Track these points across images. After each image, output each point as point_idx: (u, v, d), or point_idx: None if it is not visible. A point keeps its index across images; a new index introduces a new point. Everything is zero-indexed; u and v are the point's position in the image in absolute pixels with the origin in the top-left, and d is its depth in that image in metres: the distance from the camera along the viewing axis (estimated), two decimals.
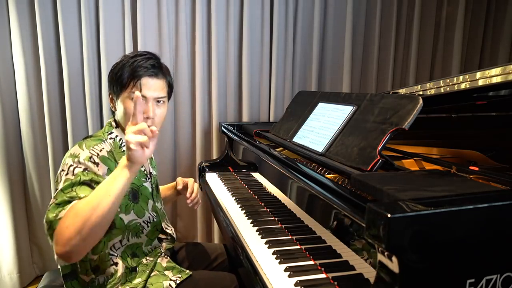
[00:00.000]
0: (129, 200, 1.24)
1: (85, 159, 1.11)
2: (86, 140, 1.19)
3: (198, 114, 2.39)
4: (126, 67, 1.21)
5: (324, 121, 1.46)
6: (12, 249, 2.23)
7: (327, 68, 2.61)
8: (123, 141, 1.25)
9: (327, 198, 1.04)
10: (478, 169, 1.05)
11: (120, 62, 1.25)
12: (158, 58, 1.28)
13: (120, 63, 1.24)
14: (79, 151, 1.13)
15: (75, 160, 1.10)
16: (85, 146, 1.15)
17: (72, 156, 1.12)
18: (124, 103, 1.22)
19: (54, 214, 0.99)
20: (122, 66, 1.22)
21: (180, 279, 1.28)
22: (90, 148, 1.15)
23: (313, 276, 0.99)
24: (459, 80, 1.31)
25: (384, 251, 0.71)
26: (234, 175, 2.01)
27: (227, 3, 2.32)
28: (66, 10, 2.12)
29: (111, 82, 1.26)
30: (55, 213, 0.99)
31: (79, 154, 1.12)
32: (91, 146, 1.16)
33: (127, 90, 1.21)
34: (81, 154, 1.12)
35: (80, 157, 1.11)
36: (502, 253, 0.76)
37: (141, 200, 1.29)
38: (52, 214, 0.99)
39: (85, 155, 1.12)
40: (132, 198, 1.26)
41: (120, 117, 1.26)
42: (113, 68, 1.26)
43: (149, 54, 1.26)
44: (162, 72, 1.26)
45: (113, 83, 1.24)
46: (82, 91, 2.24)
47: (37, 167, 2.26)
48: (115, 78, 1.23)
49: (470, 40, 2.79)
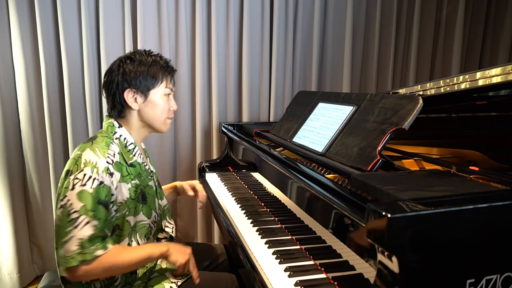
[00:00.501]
0: (138, 202, 1.24)
1: (103, 171, 1.10)
2: (96, 143, 1.15)
3: (198, 114, 2.39)
4: (155, 66, 1.24)
5: (324, 121, 1.46)
6: (12, 249, 2.23)
7: (327, 68, 2.61)
8: (127, 141, 1.25)
9: (327, 198, 1.04)
10: (478, 169, 1.05)
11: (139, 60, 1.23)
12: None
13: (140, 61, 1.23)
14: (95, 159, 1.10)
15: (93, 170, 1.08)
16: (99, 151, 1.13)
17: (90, 165, 1.09)
18: (157, 99, 1.26)
19: (79, 251, 1.05)
20: (150, 65, 1.24)
21: (181, 281, 1.28)
22: (106, 155, 1.13)
23: (313, 276, 0.99)
24: (459, 80, 1.30)
25: (384, 251, 0.71)
26: (234, 175, 2.01)
27: (227, 3, 2.32)
28: (66, 10, 2.12)
29: (138, 80, 1.22)
30: (80, 250, 1.05)
31: (96, 163, 1.10)
32: (105, 151, 1.14)
33: (161, 87, 1.27)
34: (99, 164, 1.10)
35: (99, 168, 1.09)
36: (502, 253, 0.76)
37: (149, 200, 1.29)
38: (76, 247, 1.05)
39: (103, 165, 1.11)
40: (141, 199, 1.26)
41: (149, 113, 1.26)
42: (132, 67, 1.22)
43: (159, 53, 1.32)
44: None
45: (143, 80, 1.22)
46: (82, 91, 2.24)
47: (37, 167, 2.26)
48: (144, 75, 1.22)
49: (470, 40, 2.78)
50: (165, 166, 2.41)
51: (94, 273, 1.08)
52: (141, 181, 1.25)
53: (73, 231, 1.04)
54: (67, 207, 1.06)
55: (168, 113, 1.31)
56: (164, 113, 1.29)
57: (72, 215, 1.05)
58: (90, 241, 1.06)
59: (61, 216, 1.06)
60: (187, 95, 2.38)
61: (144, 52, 1.28)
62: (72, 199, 1.06)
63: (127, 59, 1.24)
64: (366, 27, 2.62)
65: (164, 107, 1.28)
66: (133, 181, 1.21)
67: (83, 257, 1.05)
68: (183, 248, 1.25)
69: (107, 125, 1.25)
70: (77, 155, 1.12)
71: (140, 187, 1.25)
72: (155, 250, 1.19)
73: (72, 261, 1.04)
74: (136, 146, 1.27)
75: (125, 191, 1.17)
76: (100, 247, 1.07)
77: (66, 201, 1.07)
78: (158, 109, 1.27)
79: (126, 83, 1.22)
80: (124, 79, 1.22)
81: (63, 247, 1.05)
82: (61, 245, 1.05)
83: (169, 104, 1.30)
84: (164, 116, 1.30)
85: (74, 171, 1.09)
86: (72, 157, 1.15)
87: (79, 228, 1.05)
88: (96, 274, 1.10)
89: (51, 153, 2.22)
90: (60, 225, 1.06)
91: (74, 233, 1.04)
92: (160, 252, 1.19)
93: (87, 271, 1.06)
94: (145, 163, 1.31)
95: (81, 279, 1.11)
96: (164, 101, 1.28)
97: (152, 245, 1.22)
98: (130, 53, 1.28)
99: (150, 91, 1.24)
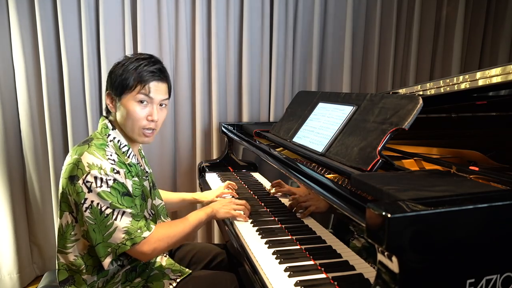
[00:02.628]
0: (142, 199, 1.26)
1: (110, 171, 1.12)
2: (92, 146, 1.15)
3: (198, 114, 2.39)
4: (130, 70, 1.20)
5: (324, 121, 1.46)
6: (12, 249, 2.23)
7: (327, 68, 2.61)
8: (121, 143, 1.25)
9: (327, 198, 1.04)
10: (478, 169, 1.05)
11: (123, 64, 1.22)
12: (161, 62, 1.29)
13: (123, 65, 1.22)
14: (98, 162, 1.11)
15: (101, 172, 1.10)
16: (98, 154, 1.13)
17: (96, 167, 1.10)
18: (128, 105, 1.21)
19: (137, 229, 1.13)
20: (126, 68, 1.20)
21: (180, 277, 1.29)
22: (107, 157, 1.14)
23: (313, 276, 0.99)
24: (459, 80, 1.30)
25: (384, 251, 0.71)
26: (234, 175, 2.01)
27: (227, 3, 2.32)
28: (66, 10, 2.12)
29: (112, 83, 1.23)
30: (138, 228, 1.13)
31: (101, 165, 1.11)
32: (104, 154, 1.15)
33: (133, 93, 1.20)
34: (104, 166, 1.12)
35: (106, 169, 1.11)
36: (502, 253, 0.76)
37: (145, 199, 1.30)
38: (136, 227, 1.13)
39: (108, 166, 1.12)
40: (143, 198, 1.28)
41: (121, 119, 1.24)
42: (115, 69, 1.23)
43: (154, 58, 1.27)
44: (166, 76, 1.28)
45: (115, 83, 1.22)
46: (82, 91, 2.24)
47: (37, 167, 2.26)
48: (119, 79, 1.21)
49: (470, 40, 2.78)
50: (165, 166, 2.41)
51: (158, 248, 1.17)
52: (140, 180, 1.27)
53: (114, 222, 1.11)
54: (95, 206, 1.10)
55: (143, 123, 1.22)
56: (136, 121, 1.21)
57: (105, 211, 1.10)
58: (133, 226, 1.13)
59: (93, 216, 1.10)
60: (187, 95, 2.38)
61: (136, 55, 1.25)
62: (96, 199, 1.10)
63: (119, 61, 1.25)
64: (366, 27, 2.62)
65: (135, 114, 1.20)
66: (134, 178, 1.23)
67: (133, 241, 1.12)
68: (223, 201, 1.41)
69: (101, 126, 1.26)
70: (76, 160, 1.12)
71: (141, 187, 1.26)
72: (202, 215, 1.31)
73: (124, 247, 1.12)
74: (130, 148, 1.27)
75: (130, 188, 1.20)
76: (145, 229, 1.14)
77: (90, 202, 1.10)
78: (129, 116, 1.21)
79: (108, 85, 1.26)
80: (107, 80, 1.26)
81: (111, 237, 1.11)
82: (108, 237, 1.11)
83: (145, 113, 1.21)
84: (137, 125, 1.22)
85: (80, 175, 1.10)
86: (70, 162, 1.14)
87: (119, 219, 1.11)
88: (161, 248, 1.19)
89: (51, 153, 2.22)
90: (97, 222, 1.10)
91: (116, 223, 1.11)
92: (207, 215, 1.32)
93: (151, 248, 1.15)
94: (140, 163, 1.31)
95: (150, 256, 1.19)
96: (135, 108, 1.20)
97: (196, 212, 1.33)
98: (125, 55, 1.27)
99: (122, 95, 1.21)
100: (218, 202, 1.40)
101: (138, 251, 1.14)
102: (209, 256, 1.52)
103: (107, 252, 1.12)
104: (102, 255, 1.13)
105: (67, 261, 1.19)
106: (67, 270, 1.19)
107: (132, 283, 1.25)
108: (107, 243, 1.11)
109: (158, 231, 1.18)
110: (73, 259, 1.18)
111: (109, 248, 1.12)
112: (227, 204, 1.37)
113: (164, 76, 1.26)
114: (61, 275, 1.20)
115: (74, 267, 1.18)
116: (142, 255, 1.17)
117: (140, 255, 1.17)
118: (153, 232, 1.16)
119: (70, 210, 1.16)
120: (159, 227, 1.20)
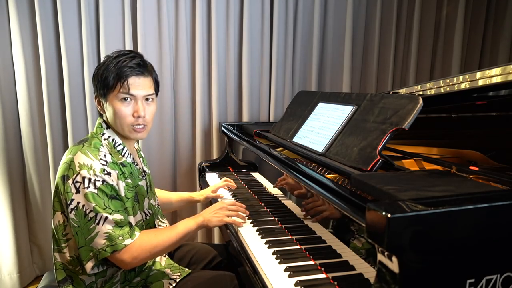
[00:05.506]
0: (134, 201, 1.25)
1: (100, 171, 1.11)
2: (86, 146, 1.15)
3: (198, 114, 2.39)
4: (110, 68, 1.18)
5: (324, 121, 1.46)
6: (12, 249, 2.23)
7: (327, 68, 2.61)
8: (116, 142, 1.25)
9: (327, 198, 1.04)
10: (478, 169, 1.05)
11: (103, 64, 1.21)
12: (142, 55, 1.26)
13: (103, 65, 1.21)
14: (89, 161, 1.11)
15: (91, 172, 1.10)
16: (90, 154, 1.13)
17: (86, 167, 1.10)
18: (113, 104, 1.19)
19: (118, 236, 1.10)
20: (106, 67, 1.19)
21: (180, 277, 1.29)
22: (98, 157, 1.14)
23: (313, 276, 0.99)
24: (459, 80, 1.30)
25: (384, 251, 0.71)
26: (234, 175, 2.01)
27: (227, 3, 2.32)
28: (66, 10, 2.12)
29: (96, 85, 1.22)
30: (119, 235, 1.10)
31: (91, 165, 1.11)
32: (96, 154, 1.15)
33: (115, 92, 1.18)
34: (95, 166, 1.11)
35: (95, 169, 1.11)
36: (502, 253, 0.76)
37: (139, 199, 1.30)
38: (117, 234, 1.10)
39: (99, 167, 1.12)
40: (136, 199, 1.27)
41: (110, 119, 1.23)
42: (96, 70, 1.22)
43: (133, 53, 1.24)
44: (148, 70, 1.25)
45: (98, 85, 1.21)
46: (82, 91, 2.24)
47: (37, 167, 2.26)
48: (100, 80, 1.19)
49: (470, 40, 2.78)
50: (165, 166, 2.41)
51: (139, 257, 1.13)
52: (133, 181, 1.25)
53: (97, 227, 1.09)
54: (80, 208, 1.09)
55: (130, 119, 1.20)
56: (123, 119, 1.20)
57: (89, 214, 1.09)
58: (115, 233, 1.10)
59: (76, 218, 1.09)
60: (187, 95, 2.38)
61: (116, 53, 1.23)
62: (82, 201, 1.09)
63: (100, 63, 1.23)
64: (366, 27, 2.62)
65: (121, 112, 1.19)
66: (126, 179, 1.22)
67: (113, 248, 1.09)
68: (213, 208, 1.30)
69: (97, 126, 1.26)
70: (69, 159, 1.13)
71: (133, 188, 1.25)
72: (192, 224, 1.24)
73: (104, 253, 1.09)
74: (125, 147, 1.26)
75: (122, 190, 1.19)
76: (127, 237, 1.12)
77: (76, 203, 1.09)
78: (116, 115, 1.20)
79: (94, 88, 1.24)
80: (94, 84, 1.24)
81: (92, 241, 1.09)
82: (89, 241, 1.10)
83: (130, 110, 1.20)
84: (125, 122, 1.20)
85: (70, 175, 1.10)
86: (64, 161, 1.15)
87: (101, 224, 1.09)
88: (142, 258, 1.14)
89: (51, 153, 2.22)
90: (80, 225, 1.09)
91: (98, 228, 1.09)
92: (197, 224, 1.25)
93: (132, 257, 1.12)
94: (136, 163, 1.31)
95: (130, 265, 1.15)
96: (120, 107, 1.19)
97: (187, 221, 1.26)
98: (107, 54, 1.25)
99: (107, 96, 1.20)
100: (209, 209, 1.30)
101: (119, 259, 1.12)
102: (209, 256, 1.52)
103: (89, 256, 1.11)
104: (84, 259, 1.11)
105: (64, 261, 1.18)
106: (64, 270, 1.19)
107: (131, 283, 1.25)
108: (89, 247, 1.10)
109: (141, 239, 1.15)
110: (69, 258, 1.18)
111: (91, 252, 1.10)
112: (218, 211, 1.28)
113: (145, 70, 1.22)
114: (59, 274, 1.20)
115: (71, 267, 1.18)
116: (122, 263, 1.14)
117: (120, 263, 1.14)
118: (136, 240, 1.13)
119: (62, 209, 1.16)
120: (143, 235, 1.17)
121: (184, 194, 1.67)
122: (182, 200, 1.65)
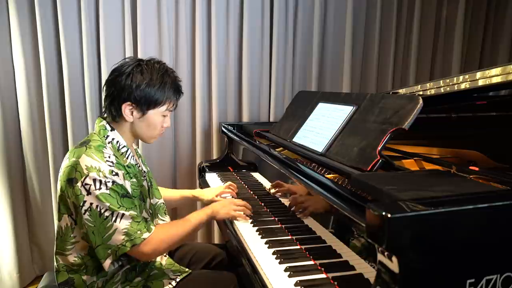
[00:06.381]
0: (140, 200, 1.26)
1: (109, 173, 1.12)
2: (89, 149, 1.15)
3: (198, 114, 2.39)
4: (160, 87, 1.21)
5: (324, 121, 1.46)
6: (12, 249, 2.23)
7: (327, 68, 2.60)
8: (120, 144, 1.25)
9: (327, 198, 1.04)
10: (478, 169, 1.05)
11: (146, 77, 1.20)
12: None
13: (147, 78, 1.20)
14: (96, 164, 1.11)
15: (100, 174, 1.10)
16: (96, 157, 1.13)
17: (94, 169, 1.10)
18: (153, 117, 1.24)
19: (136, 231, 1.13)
20: (153, 84, 1.20)
21: (180, 277, 1.29)
22: (105, 160, 1.14)
23: (313, 276, 0.99)
24: (459, 80, 1.30)
25: (384, 251, 0.71)
26: (234, 175, 2.01)
27: (227, 3, 2.32)
28: (66, 10, 2.12)
29: (136, 97, 1.19)
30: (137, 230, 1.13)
31: (100, 167, 1.11)
32: (103, 156, 1.15)
33: (161, 108, 1.24)
34: (103, 168, 1.12)
35: (104, 171, 1.11)
36: (502, 253, 0.76)
37: (144, 199, 1.30)
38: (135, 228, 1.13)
39: (107, 169, 1.12)
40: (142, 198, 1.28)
41: (139, 128, 1.25)
42: (138, 82, 1.19)
43: (174, 72, 1.29)
44: None
45: (141, 100, 1.20)
46: (82, 91, 2.23)
47: (37, 167, 2.26)
48: (145, 95, 1.19)
49: (470, 40, 2.78)
50: (165, 166, 2.41)
51: (159, 248, 1.18)
52: (138, 181, 1.27)
53: (114, 224, 1.11)
54: (94, 209, 1.10)
55: (160, 130, 1.30)
56: (156, 130, 1.29)
57: (104, 213, 1.10)
58: (133, 227, 1.13)
59: (91, 218, 1.10)
60: (187, 95, 2.38)
61: (158, 66, 1.24)
62: (95, 201, 1.09)
63: (138, 68, 1.20)
64: (366, 27, 2.62)
65: (157, 125, 1.27)
66: (132, 179, 1.23)
67: (132, 242, 1.12)
68: (223, 202, 1.41)
69: (99, 128, 1.24)
70: (74, 162, 1.12)
71: (140, 188, 1.26)
72: (202, 215, 1.31)
73: (123, 248, 1.12)
74: (129, 149, 1.27)
75: (129, 188, 1.20)
76: (145, 231, 1.14)
77: (89, 204, 1.10)
78: (151, 127, 1.27)
79: (128, 94, 1.19)
80: (128, 90, 1.19)
81: (110, 239, 1.11)
82: (107, 239, 1.11)
83: (163, 123, 1.29)
84: (155, 133, 1.30)
85: (78, 178, 1.10)
86: (67, 164, 1.14)
87: (118, 221, 1.11)
88: (162, 248, 1.20)
89: (51, 153, 2.22)
90: (96, 225, 1.10)
91: (116, 225, 1.11)
92: (207, 215, 1.32)
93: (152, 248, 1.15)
94: (137, 164, 1.31)
95: (151, 256, 1.22)
96: (160, 120, 1.27)
97: (197, 213, 1.33)
98: (144, 62, 1.24)
99: (149, 110, 1.23)
100: (218, 203, 1.40)
101: (139, 252, 1.15)
102: (209, 256, 1.53)
103: (107, 254, 1.12)
104: (102, 257, 1.13)
105: (67, 262, 1.19)
106: (67, 272, 1.19)
107: (132, 283, 1.25)
108: (107, 245, 1.11)
109: (158, 231, 1.18)
110: (73, 260, 1.18)
111: (108, 250, 1.12)
112: (227, 205, 1.37)
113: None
114: (60, 276, 1.20)
115: (75, 268, 1.18)
116: (142, 256, 1.17)
117: (141, 256, 1.17)
118: (153, 233, 1.16)
119: (69, 212, 1.16)
120: (159, 228, 1.20)
121: (186, 192, 1.70)
122: (184, 198, 1.67)
